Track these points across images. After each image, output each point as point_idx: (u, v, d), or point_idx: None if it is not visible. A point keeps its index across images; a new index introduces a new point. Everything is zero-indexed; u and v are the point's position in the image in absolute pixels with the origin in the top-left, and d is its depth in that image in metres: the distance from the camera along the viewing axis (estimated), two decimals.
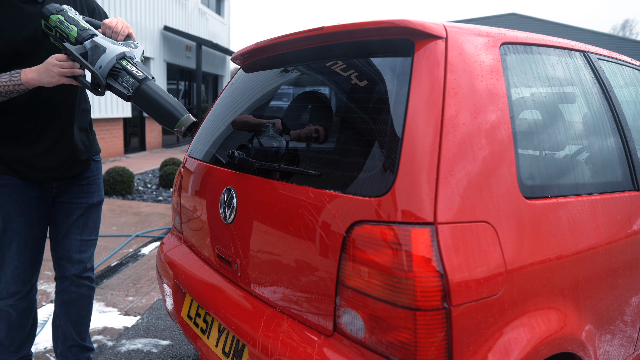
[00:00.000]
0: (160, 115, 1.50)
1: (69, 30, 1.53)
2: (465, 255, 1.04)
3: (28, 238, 1.76)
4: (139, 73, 1.53)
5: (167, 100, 1.50)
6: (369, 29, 1.26)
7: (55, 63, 1.51)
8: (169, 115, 1.49)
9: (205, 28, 15.20)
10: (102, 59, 1.51)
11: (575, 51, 1.61)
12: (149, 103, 1.50)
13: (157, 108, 1.49)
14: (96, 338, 2.53)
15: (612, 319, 1.47)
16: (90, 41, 1.53)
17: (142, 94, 1.50)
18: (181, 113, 1.49)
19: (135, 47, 1.62)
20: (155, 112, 1.50)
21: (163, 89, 1.54)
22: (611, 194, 1.50)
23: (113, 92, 1.53)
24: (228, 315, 1.45)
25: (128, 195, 6.33)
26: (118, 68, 1.52)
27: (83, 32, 1.53)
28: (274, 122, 1.51)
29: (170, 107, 1.49)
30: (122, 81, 1.51)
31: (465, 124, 1.12)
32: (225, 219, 1.55)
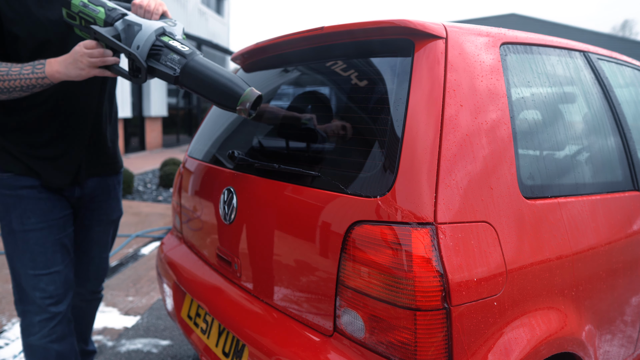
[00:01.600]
0: (217, 94, 1.27)
1: (95, 13, 1.31)
2: (465, 255, 1.04)
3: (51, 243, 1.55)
4: (184, 48, 1.31)
5: (222, 75, 1.28)
6: (369, 28, 1.26)
7: (84, 52, 1.28)
8: (228, 92, 1.27)
9: (205, 28, 15.21)
10: (138, 37, 1.29)
11: (575, 51, 1.61)
12: (202, 81, 1.28)
13: (213, 85, 1.27)
14: (96, 338, 2.53)
15: (612, 319, 1.47)
16: (122, 21, 1.31)
17: (192, 72, 1.28)
18: (242, 87, 1.28)
19: (174, 24, 1.40)
20: (210, 91, 1.28)
21: (214, 63, 1.32)
22: (611, 194, 1.50)
23: (157, 76, 1.32)
24: (228, 315, 1.45)
25: (128, 195, 6.33)
26: (159, 46, 1.31)
27: (112, 12, 1.32)
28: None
29: (228, 82, 1.27)
30: (165, 60, 1.30)
31: (465, 123, 1.12)
32: (225, 219, 1.55)
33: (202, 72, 1.27)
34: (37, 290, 1.53)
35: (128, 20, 1.31)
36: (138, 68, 1.30)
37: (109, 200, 1.79)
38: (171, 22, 1.39)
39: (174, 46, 1.30)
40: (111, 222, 1.84)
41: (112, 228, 1.86)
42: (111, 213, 1.82)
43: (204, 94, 1.30)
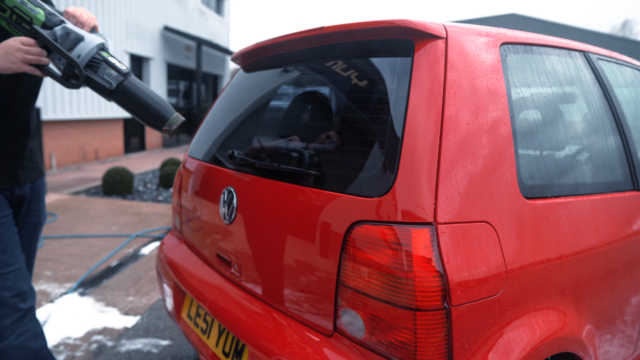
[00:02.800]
0: (146, 114, 1.37)
1: (34, 13, 1.32)
2: (465, 255, 1.04)
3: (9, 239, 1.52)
4: (122, 66, 1.38)
5: (154, 98, 1.38)
6: (369, 28, 1.26)
7: (20, 47, 1.29)
8: (157, 115, 1.37)
9: (205, 28, 15.20)
10: (80, 47, 1.34)
11: (575, 51, 1.61)
12: (135, 100, 1.36)
13: (144, 106, 1.36)
14: (96, 338, 2.53)
15: (612, 319, 1.47)
16: (62, 27, 1.34)
17: (127, 90, 1.36)
18: (170, 112, 1.39)
19: (105, 40, 1.44)
20: (140, 111, 1.37)
21: (146, 86, 1.41)
22: (611, 194, 1.50)
23: (91, 86, 1.36)
24: (228, 315, 1.45)
25: (128, 195, 6.33)
26: (98, 59, 1.36)
27: (52, 17, 1.35)
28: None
29: (157, 105, 1.37)
30: (102, 74, 1.35)
31: (465, 123, 1.12)
32: (225, 219, 1.55)
33: (137, 92, 1.36)
34: (5, 290, 1.49)
35: (68, 29, 1.35)
36: (74, 75, 1.35)
37: (38, 202, 1.75)
38: (103, 38, 1.44)
39: (113, 63, 1.37)
40: (39, 224, 1.77)
41: (38, 233, 1.78)
42: (40, 215, 1.77)
43: (135, 112, 1.38)
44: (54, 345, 2.44)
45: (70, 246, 4.05)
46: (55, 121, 7.91)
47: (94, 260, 3.73)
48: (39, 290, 3.10)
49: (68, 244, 4.13)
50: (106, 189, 6.26)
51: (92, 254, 3.88)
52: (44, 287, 3.14)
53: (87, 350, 2.40)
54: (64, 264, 3.60)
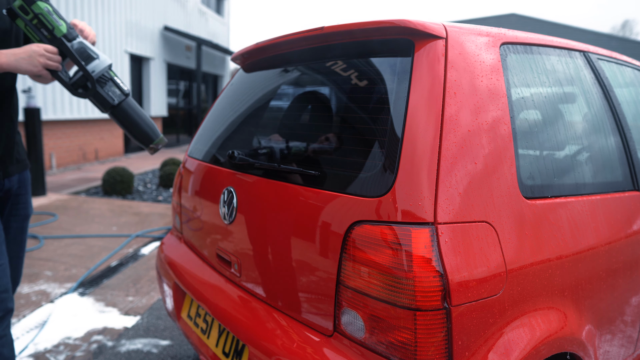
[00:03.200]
0: (137, 132, 1.55)
1: (57, 24, 1.45)
2: (465, 255, 1.04)
3: None
4: (124, 86, 1.56)
5: (145, 119, 1.57)
6: (369, 28, 1.26)
7: (43, 53, 1.40)
8: (146, 134, 1.57)
9: (205, 28, 15.20)
10: (95, 64, 1.49)
11: (575, 51, 1.61)
12: (129, 119, 1.54)
13: (136, 125, 1.55)
14: (96, 338, 2.53)
15: (612, 319, 1.47)
16: (79, 42, 1.49)
17: (125, 109, 1.53)
18: (157, 134, 1.59)
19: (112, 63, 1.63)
20: (133, 129, 1.55)
21: (140, 107, 1.60)
22: (611, 194, 1.50)
23: (95, 97, 1.51)
24: (228, 315, 1.45)
25: (128, 195, 6.33)
26: (106, 77, 1.52)
27: (72, 31, 1.48)
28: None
29: (147, 127, 1.57)
30: (108, 90, 1.51)
31: (465, 123, 1.12)
32: (225, 219, 1.55)
33: (133, 112, 1.55)
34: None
35: (84, 44, 1.50)
36: (84, 86, 1.50)
37: (26, 195, 1.78)
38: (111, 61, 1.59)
39: (118, 83, 1.54)
40: (27, 217, 1.79)
41: (26, 225, 1.79)
42: (28, 207, 1.79)
43: (127, 129, 1.56)
44: (54, 345, 2.44)
45: (70, 246, 4.05)
46: (55, 121, 7.91)
47: (94, 260, 3.73)
48: (39, 290, 3.10)
49: (68, 244, 4.13)
50: (106, 189, 6.26)
51: (92, 254, 3.88)
52: (44, 287, 3.14)
53: (87, 350, 2.40)
54: (64, 264, 3.60)
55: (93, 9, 8.84)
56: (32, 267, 3.49)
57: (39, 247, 3.95)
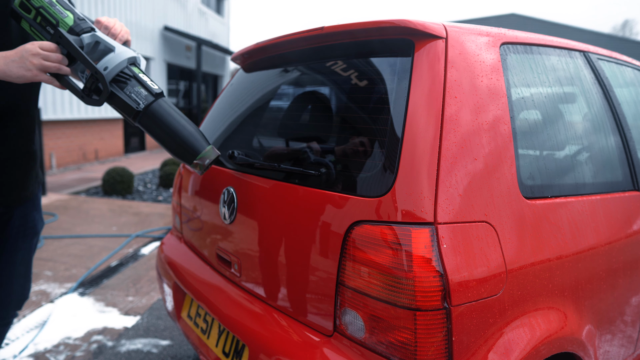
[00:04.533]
0: (175, 144, 1.19)
1: (62, 16, 1.17)
2: (465, 255, 1.04)
3: None
4: (154, 85, 1.21)
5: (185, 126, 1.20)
6: (369, 28, 1.26)
7: (38, 52, 1.11)
8: (187, 145, 1.19)
9: (205, 28, 15.20)
10: (108, 59, 1.17)
11: (575, 51, 1.61)
12: (165, 126, 1.18)
13: (175, 133, 1.18)
14: (96, 338, 2.53)
15: (612, 319, 1.47)
16: (91, 35, 1.19)
17: (157, 113, 1.18)
18: (204, 144, 1.21)
19: (139, 56, 1.28)
20: (169, 139, 1.19)
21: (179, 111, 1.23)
22: (611, 194, 1.50)
23: (115, 104, 1.21)
24: (228, 315, 1.45)
25: (128, 195, 6.33)
26: (127, 74, 1.19)
27: (82, 23, 1.20)
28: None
29: (189, 135, 1.19)
30: (130, 91, 1.18)
31: (465, 123, 1.12)
32: (225, 219, 1.55)
33: (167, 117, 1.18)
34: None
35: (98, 37, 1.19)
36: (97, 89, 1.18)
37: (33, 212, 1.61)
38: (136, 53, 1.27)
39: (144, 80, 1.19)
40: (36, 233, 1.63)
41: (35, 242, 1.65)
42: (38, 224, 1.64)
43: (162, 141, 1.21)
44: (54, 345, 2.44)
45: (70, 246, 4.05)
46: (55, 121, 7.91)
47: (94, 260, 3.73)
48: (39, 290, 3.10)
49: (68, 244, 4.13)
50: (106, 189, 6.26)
51: (92, 254, 3.88)
52: (44, 287, 3.14)
53: (87, 350, 2.40)
54: (64, 264, 3.60)
55: (93, 9, 8.84)
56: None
57: (39, 247, 3.95)
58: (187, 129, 1.20)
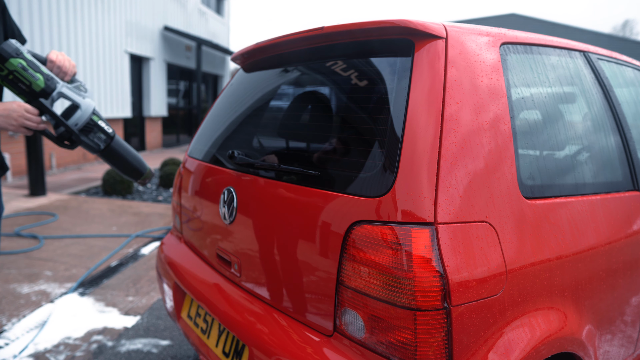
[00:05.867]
0: (127, 170, 1.59)
1: (34, 79, 1.42)
2: (465, 255, 1.04)
3: None
4: (108, 129, 1.54)
5: (133, 157, 1.60)
6: (369, 28, 1.26)
7: (23, 114, 1.39)
8: (135, 170, 1.61)
9: (205, 28, 15.20)
10: (77, 116, 1.46)
11: (575, 51, 1.61)
12: (117, 159, 1.57)
13: (125, 163, 1.59)
14: (96, 338, 2.53)
15: (612, 319, 1.47)
16: (58, 93, 1.46)
17: (112, 151, 1.55)
18: (145, 167, 1.63)
19: (85, 90, 1.57)
20: (122, 167, 1.59)
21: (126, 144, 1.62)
22: (611, 194, 1.50)
23: (81, 145, 1.52)
24: (228, 315, 1.45)
25: (128, 195, 6.33)
26: (91, 124, 1.50)
27: (50, 83, 1.45)
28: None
29: (136, 162, 1.61)
30: (93, 137, 1.51)
31: (465, 123, 1.12)
32: (225, 219, 1.55)
33: (120, 153, 1.57)
34: None
35: (64, 94, 1.47)
36: (68, 138, 1.48)
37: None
38: (83, 88, 1.56)
39: (102, 127, 1.53)
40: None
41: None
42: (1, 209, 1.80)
43: (116, 167, 1.60)
44: (54, 345, 2.44)
45: (70, 246, 4.05)
46: None
47: (94, 260, 3.73)
48: (39, 290, 3.10)
49: (68, 244, 4.13)
50: (106, 189, 6.26)
51: (92, 254, 3.88)
52: (44, 287, 3.14)
53: (87, 350, 2.40)
54: (64, 264, 3.60)
55: (93, 9, 8.84)
56: (32, 267, 3.49)
57: (39, 247, 3.95)
58: (135, 159, 1.62)
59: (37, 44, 7.28)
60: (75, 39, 8.29)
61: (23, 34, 1.69)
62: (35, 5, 7.22)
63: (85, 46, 8.63)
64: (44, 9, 7.40)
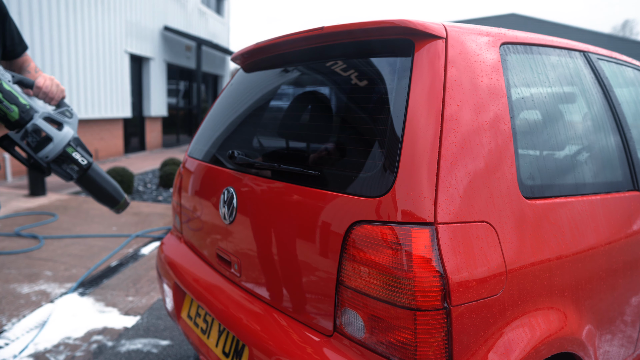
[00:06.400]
0: (102, 198, 1.64)
1: (8, 111, 1.41)
2: (465, 255, 1.04)
3: None
4: (83, 161, 1.56)
5: (108, 185, 1.63)
6: (369, 28, 1.26)
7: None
8: (111, 199, 1.65)
9: (205, 28, 15.20)
10: (49, 149, 1.47)
11: (575, 51, 1.61)
12: (93, 187, 1.61)
13: (100, 192, 1.63)
14: (96, 338, 2.53)
15: (612, 319, 1.47)
16: (33, 124, 1.46)
17: (87, 180, 1.58)
18: (121, 196, 1.68)
19: (71, 115, 1.57)
20: (96, 195, 1.63)
21: (104, 172, 1.65)
22: (611, 194, 1.50)
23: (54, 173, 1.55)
24: (228, 315, 1.45)
25: (128, 195, 6.33)
26: (63, 156, 1.51)
27: (25, 115, 1.44)
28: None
29: (112, 191, 1.64)
30: (66, 167, 1.53)
31: (465, 123, 1.12)
32: (225, 219, 1.55)
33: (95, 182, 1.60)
34: None
35: (38, 126, 1.47)
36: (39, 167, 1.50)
37: None
38: (69, 113, 1.57)
39: (76, 159, 1.54)
40: None
41: None
42: None
43: (91, 194, 1.64)
44: (54, 345, 2.44)
45: (70, 246, 4.05)
46: None
47: (94, 260, 3.73)
48: (39, 290, 3.10)
49: (68, 244, 4.13)
50: None
51: (92, 254, 3.88)
52: (44, 287, 3.14)
53: (87, 350, 2.40)
54: (64, 264, 3.60)
55: (93, 9, 8.84)
56: (32, 267, 3.49)
57: (39, 247, 3.95)
58: (110, 187, 1.65)
59: (37, 45, 7.28)
60: (75, 39, 8.29)
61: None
62: (35, 5, 7.22)
63: (85, 46, 8.63)
64: (44, 9, 7.40)
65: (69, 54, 8.13)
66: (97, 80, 9.06)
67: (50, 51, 7.63)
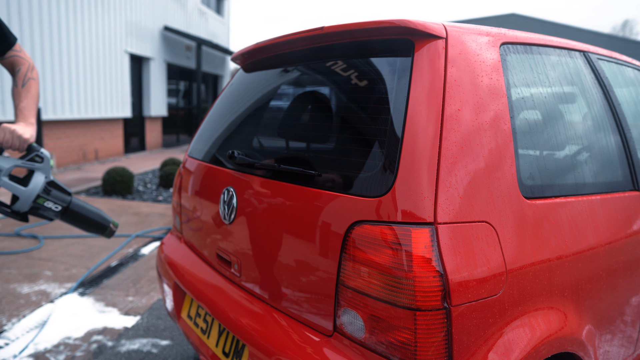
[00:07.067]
0: (90, 229, 1.69)
1: None
2: (465, 255, 1.04)
3: None
4: (57, 207, 1.61)
5: (92, 215, 1.68)
6: (369, 28, 1.26)
7: None
8: (98, 227, 1.70)
9: (205, 28, 15.20)
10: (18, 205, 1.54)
11: (575, 51, 1.61)
12: (77, 222, 1.66)
13: (86, 224, 1.68)
14: (96, 338, 2.53)
15: (612, 319, 1.47)
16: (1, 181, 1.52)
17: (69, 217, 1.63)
18: (108, 221, 1.72)
19: (42, 160, 1.59)
20: (84, 227, 1.69)
21: (85, 203, 1.69)
22: (611, 194, 1.50)
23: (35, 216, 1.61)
24: (228, 315, 1.45)
25: (128, 195, 6.33)
26: (37, 205, 1.57)
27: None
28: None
29: (97, 219, 1.69)
30: (43, 212, 1.60)
31: (465, 123, 1.12)
32: (225, 219, 1.55)
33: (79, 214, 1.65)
34: None
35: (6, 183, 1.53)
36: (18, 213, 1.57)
37: None
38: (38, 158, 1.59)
39: (48, 207, 1.60)
40: None
41: None
42: None
43: (77, 227, 1.69)
44: (54, 345, 2.44)
45: (70, 246, 4.05)
46: (55, 121, 7.91)
47: (94, 260, 3.73)
48: (39, 290, 3.10)
49: (68, 244, 4.13)
50: (106, 189, 6.26)
51: (92, 254, 3.88)
52: (44, 287, 3.14)
53: (87, 350, 2.40)
54: (64, 264, 3.60)
55: (93, 8, 8.84)
56: (32, 267, 3.49)
57: (39, 247, 3.95)
58: (94, 216, 1.69)
59: (37, 45, 7.28)
60: (75, 39, 8.29)
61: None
62: (35, 5, 7.22)
63: (85, 46, 8.63)
64: (43, 8, 7.40)
65: (69, 54, 8.14)
66: (97, 80, 9.06)
67: (50, 51, 7.63)
